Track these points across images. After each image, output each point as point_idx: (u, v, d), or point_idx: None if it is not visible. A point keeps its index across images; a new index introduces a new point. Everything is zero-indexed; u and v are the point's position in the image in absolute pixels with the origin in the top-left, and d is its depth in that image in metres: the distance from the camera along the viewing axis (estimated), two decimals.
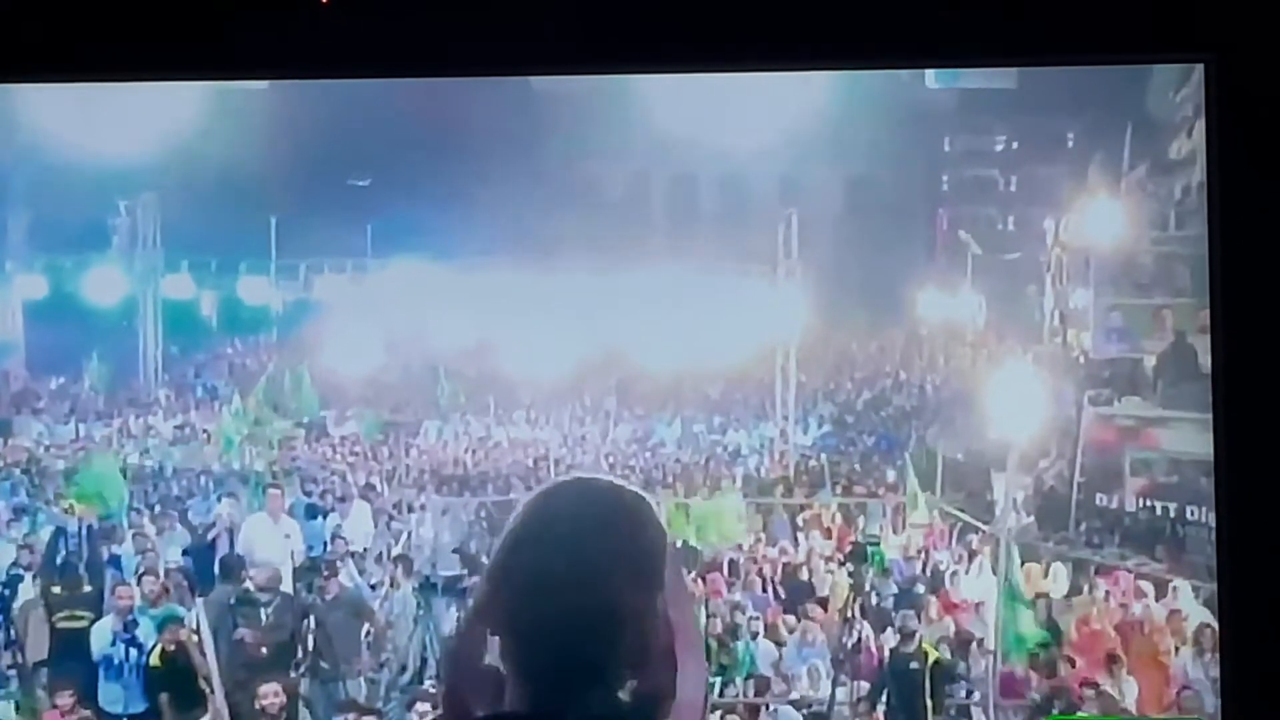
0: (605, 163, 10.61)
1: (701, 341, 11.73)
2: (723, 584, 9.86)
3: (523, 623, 2.18)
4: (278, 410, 11.72)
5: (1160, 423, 9.94)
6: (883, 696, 8.81)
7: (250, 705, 8.49)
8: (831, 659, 9.17)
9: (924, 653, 8.79)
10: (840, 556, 10.00)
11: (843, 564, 9.83)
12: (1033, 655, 8.82)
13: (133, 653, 8.82)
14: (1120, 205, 10.20)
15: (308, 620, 9.17)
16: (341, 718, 8.67)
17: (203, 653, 8.83)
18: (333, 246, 12.07)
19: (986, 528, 10.06)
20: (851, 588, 9.41)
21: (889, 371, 13.09)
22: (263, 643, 8.90)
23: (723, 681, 9.05)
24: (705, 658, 2.40)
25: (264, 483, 10.45)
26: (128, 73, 5.40)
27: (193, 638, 8.89)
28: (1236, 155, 4.67)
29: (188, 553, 9.93)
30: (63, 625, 8.98)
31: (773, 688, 9.18)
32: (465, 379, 12.33)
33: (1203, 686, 8.31)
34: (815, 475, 11.48)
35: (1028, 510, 10.32)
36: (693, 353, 11.92)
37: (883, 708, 8.79)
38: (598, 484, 2.36)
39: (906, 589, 9.68)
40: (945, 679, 8.85)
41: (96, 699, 8.69)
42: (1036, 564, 9.69)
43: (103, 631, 8.87)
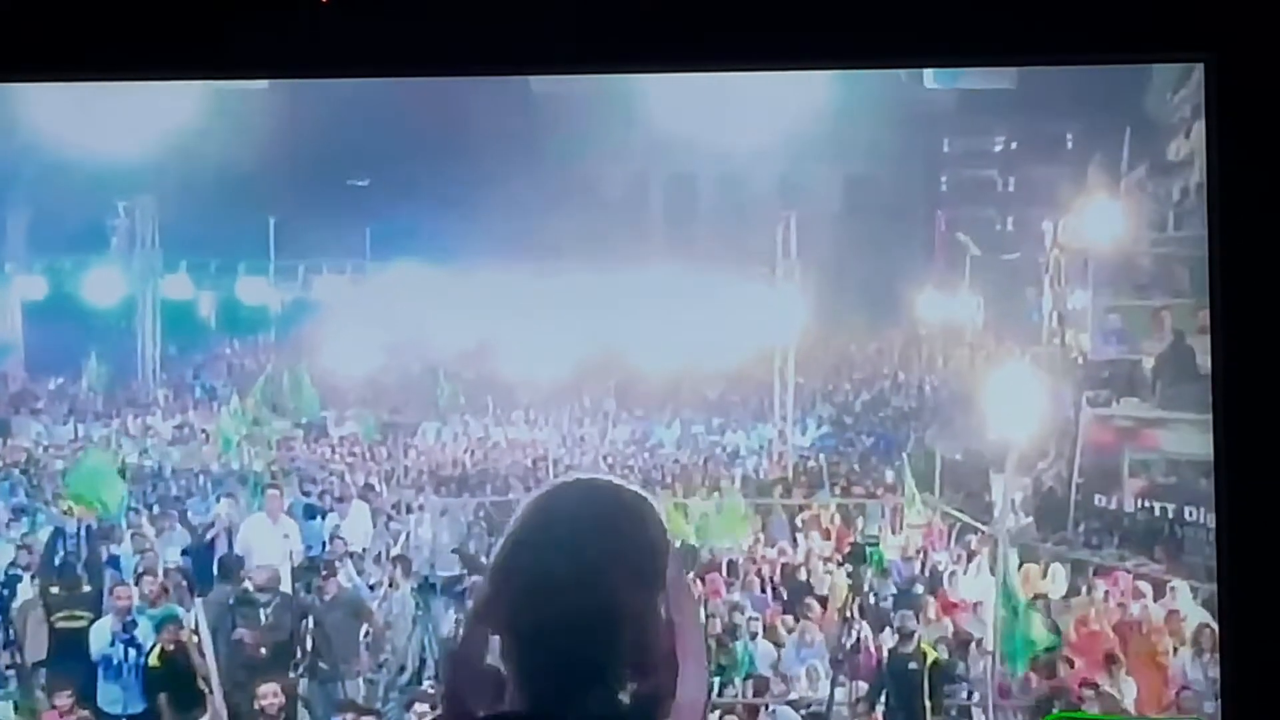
0: (604, 164, 10.59)
1: (700, 342, 11.72)
2: (722, 584, 9.86)
3: (523, 623, 2.17)
4: (276, 410, 11.71)
5: (1159, 424, 9.94)
6: (881, 697, 8.80)
7: (249, 705, 8.49)
8: (830, 659, 9.16)
9: (923, 653, 8.78)
10: (839, 557, 9.99)
11: (841, 564, 9.82)
12: (1033, 658, 8.82)
13: (131, 653, 8.80)
14: (1119, 206, 10.20)
15: (306, 620, 9.16)
16: (340, 718, 8.66)
17: (201, 653, 8.82)
18: (331, 247, 12.07)
19: (985, 528, 10.06)
20: (850, 588, 9.40)
21: (887, 372, 13.09)
22: (261, 643, 8.88)
23: (722, 682, 9.04)
24: (706, 658, 2.39)
25: (263, 483, 10.43)
26: (127, 72, 5.39)
27: (192, 638, 8.88)
28: (1236, 155, 4.67)
29: (186, 553, 9.92)
30: (61, 625, 8.97)
31: (771, 688, 9.16)
32: (464, 380, 12.32)
33: (1201, 687, 8.31)
34: (814, 476, 11.47)
35: (1026, 511, 10.32)
36: (691, 354, 11.92)
37: (881, 708, 8.78)
38: (598, 484, 2.35)
39: (905, 589, 9.67)
40: (944, 679, 8.84)
41: (95, 699, 8.67)
42: (1035, 564, 9.68)
43: (101, 632, 8.86)
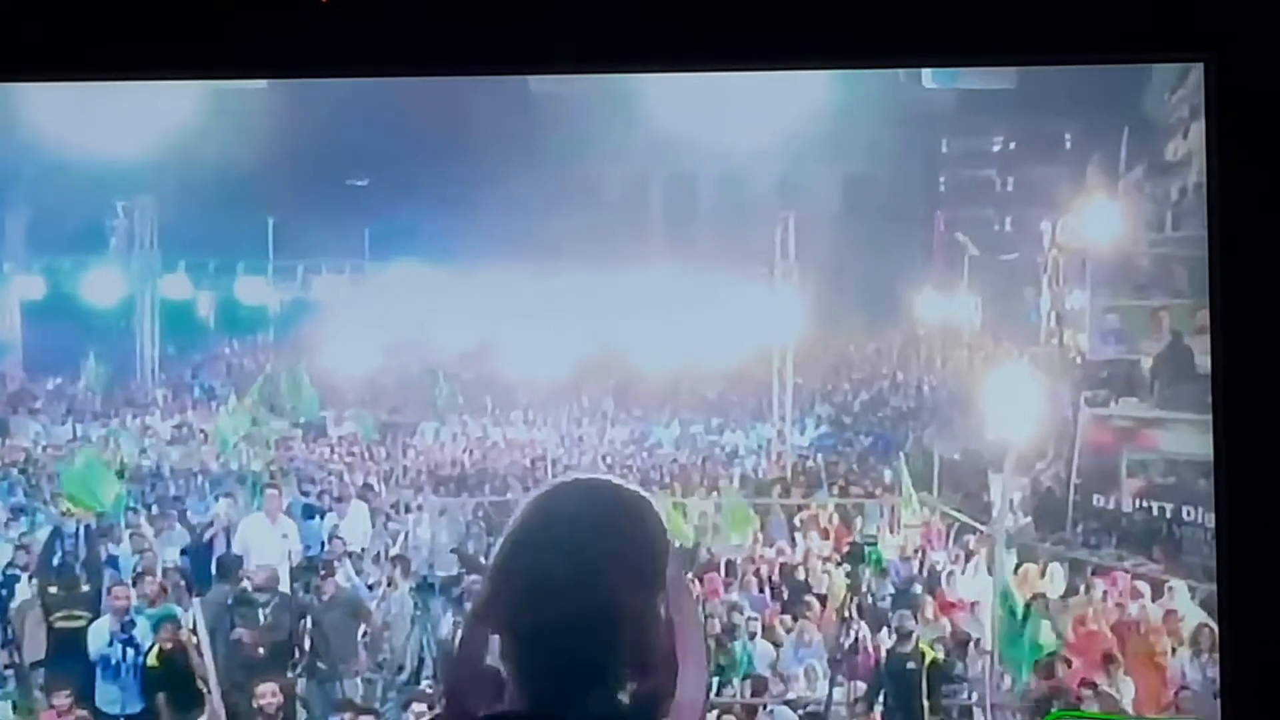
0: (603, 164, 10.59)
1: (699, 343, 11.72)
2: (720, 584, 9.86)
3: (523, 623, 2.17)
4: (274, 410, 11.70)
5: (1157, 424, 9.94)
6: (880, 697, 8.79)
7: (247, 705, 8.48)
8: (828, 659, 9.16)
9: (921, 653, 8.77)
10: (837, 557, 9.99)
11: (840, 564, 9.81)
12: (1035, 661, 8.82)
13: (130, 653, 8.79)
14: (1117, 206, 10.20)
15: (305, 620, 9.15)
16: (338, 717, 8.65)
17: (200, 653, 8.81)
18: (330, 247, 12.07)
19: (984, 528, 10.06)
20: (849, 588, 9.39)
21: (886, 372, 13.09)
22: (260, 643, 8.88)
23: (720, 682, 9.03)
24: (705, 658, 2.39)
25: (261, 483, 10.43)
26: (126, 72, 5.39)
27: (190, 637, 8.87)
28: (1236, 155, 4.68)
29: (185, 553, 9.92)
30: (60, 625, 8.96)
31: (770, 688, 9.16)
32: (463, 380, 12.32)
33: (1199, 687, 8.30)
34: (812, 476, 11.47)
35: (1025, 511, 10.32)
36: (690, 354, 11.91)
37: (879, 708, 8.78)
38: (598, 484, 2.35)
39: (903, 589, 9.66)
40: (942, 679, 8.84)
41: (94, 699, 8.66)
42: (1034, 564, 9.68)
43: (100, 632, 8.84)
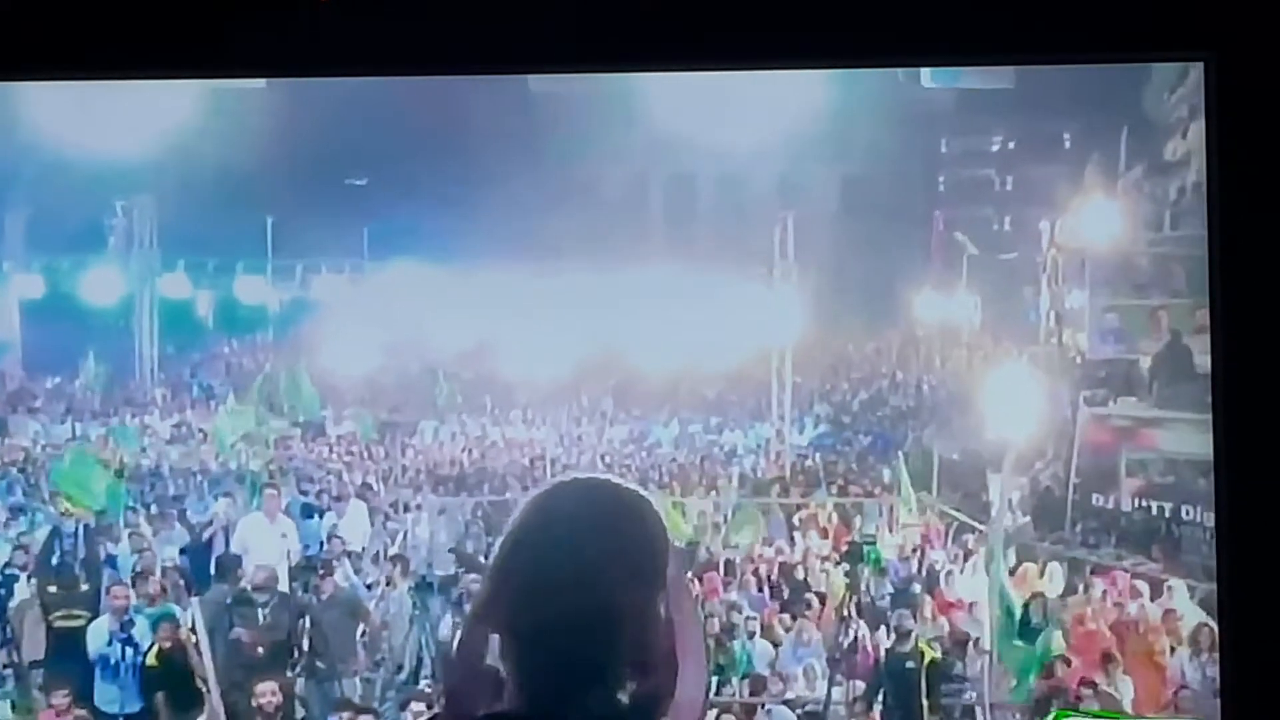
0: (602, 164, 10.58)
1: (698, 342, 11.72)
2: (719, 584, 9.86)
3: (523, 623, 2.17)
4: (274, 410, 11.71)
5: (1156, 423, 9.94)
6: (879, 696, 8.79)
7: (246, 704, 8.47)
8: (827, 658, 9.15)
9: (920, 652, 8.77)
10: (836, 556, 9.98)
11: (839, 564, 9.81)
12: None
13: (129, 652, 8.79)
14: (1116, 206, 10.20)
15: (303, 620, 9.15)
16: (337, 717, 8.64)
17: (199, 652, 8.81)
18: (330, 246, 12.07)
19: (983, 527, 10.06)
20: (848, 587, 9.38)
21: (885, 372, 13.10)
22: (260, 642, 8.87)
23: (719, 681, 9.03)
24: (705, 657, 2.38)
25: (260, 482, 10.43)
26: (125, 71, 5.39)
27: (190, 637, 8.87)
28: (1236, 155, 4.67)
29: (184, 552, 9.92)
30: (59, 624, 8.95)
31: (769, 687, 9.16)
32: (462, 379, 12.32)
33: (1199, 686, 8.31)
34: (811, 475, 11.48)
35: (1024, 510, 10.33)
36: (689, 353, 11.92)
37: (879, 707, 8.78)
38: (598, 483, 2.34)
39: (902, 589, 9.67)
40: (941, 678, 8.84)
41: (93, 699, 8.65)
42: (1033, 564, 9.69)
43: (99, 631, 8.84)
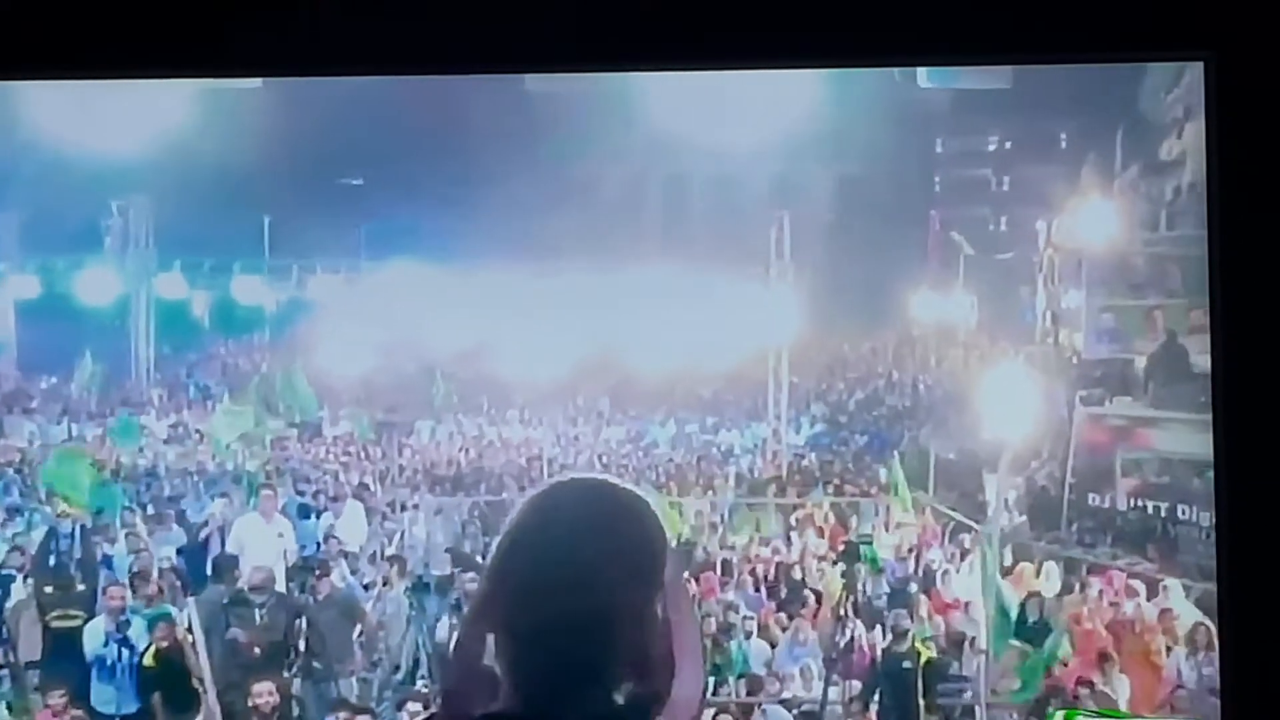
0: (599, 164, 10.58)
1: (695, 342, 11.73)
2: (716, 584, 9.86)
3: (521, 623, 2.17)
4: (270, 410, 11.70)
5: (1151, 423, 9.96)
6: (875, 695, 8.78)
7: (243, 704, 8.46)
8: (824, 658, 9.15)
9: (916, 652, 8.77)
10: (833, 555, 9.99)
11: (835, 563, 9.81)
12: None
13: (125, 653, 8.77)
14: (1112, 206, 10.21)
15: (300, 620, 9.14)
16: (334, 717, 8.63)
17: (195, 652, 8.80)
18: (326, 246, 12.07)
19: (979, 527, 10.07)
20: (844, 587, 9.38)
21: (881, 372, 13.11)
22: (256, 642, 8.86)
23: (716, 681, 9.03)
24: (703, 657, 2.38)
25: (257, 483, 10.42)
26: (123, 70, 5.38)
27: (186, 637, 8.86)
28: (1236, 155, 4.67)
29: (181, 552, 9.91)
30: (55, 625, 8.93)
31: (765, 687, 9.15)
32: (458, 379, 12.32)
33: (1195, 686, 8.32)
34: (808, 474, 11.49)
35: (1020, 510, 10.34)
36: (686, 353, 11.92)
37: (875, 707, 8.77)
38: (596, 484, 2.34)
39: (899, 588, 9.66)
40: (937, 678, 8.84)
41: (89, 699, 8.63)
42: (1029, 563, 9.70)
43: (95, 632, 8.83)
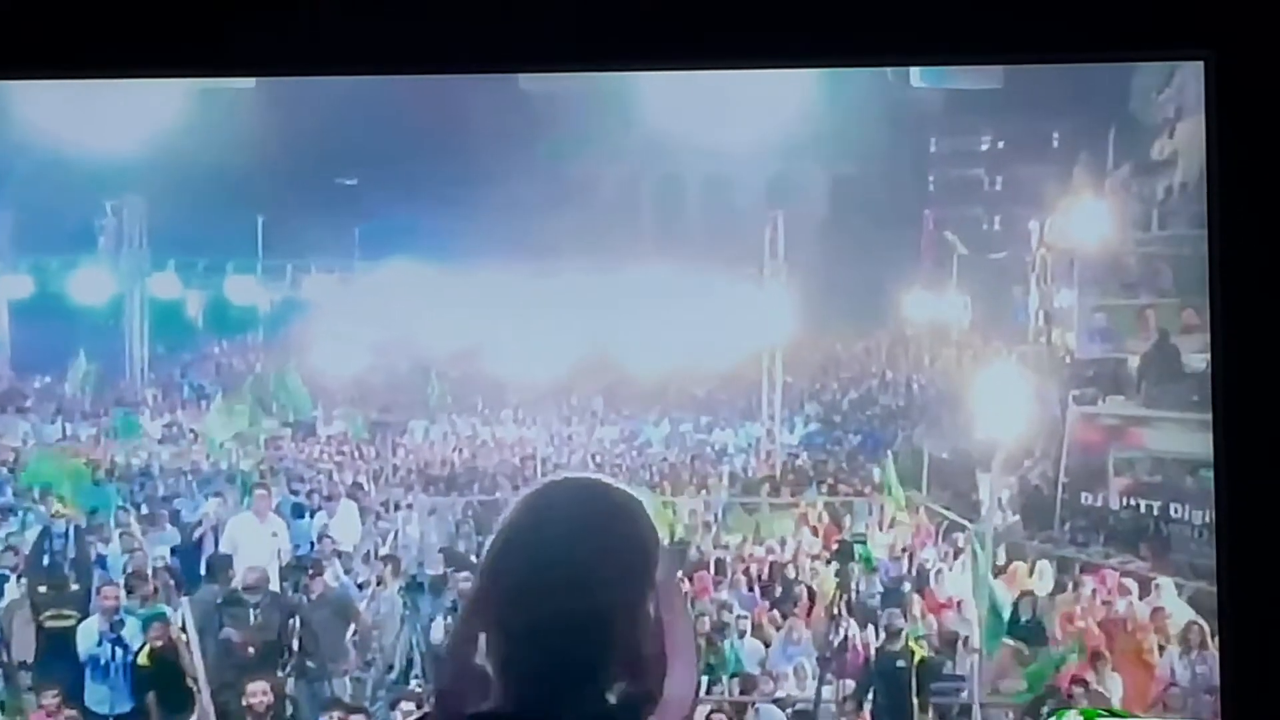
0: (593, 164, 10.58)
1: (689, 342, 11.73)
2: (710, 583, 9.87)
3: (514, 623, 2.18)
4: (264, 410, 11.70)
5: (1144, 422, 9.98)
6: (869, 695, 8.80)
7: (237, 704, 8.46)
8: (818, 657, 9.16)
9: (910, 651, 8.79)
10: (827, 555, 10.00)
11: (829, 562, 9.82)
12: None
13: (119, 652, 8.77)
14: (1104, 205, 10.23)
15: (294, 619, 9.15)
16: (327, 716, 8.64)
17: (189, 652, 8.80)
18: (320, 246, 12.05)
19: (972, 526, 10.08)
20: (838, 586, 9.40)
21: (875, 371, 13.12)
22: (250, 642, 8.87)
23: (709, 680, 9.04)
24: (696, 656, 2.39)
25: (251, 482, 10.42)
26: (121, 70, 5.38)
27: (180, 636, 8.86)
28: (1235, 154, 4.68)
29: (175, 552, 9.91)
30: (49, 625, 8.93)
31: (759, 686, 9.16)
32: (452, 379, 12.31)
33: (1188, 684, 8.34)
34: (801, 474, 11.50)
35: (1013, 509, 10.36)
36: (680, 353, 11.92)
37: (869, 706, 8.79)
38: (589, 483, 2.35)
39: (893, 587, 9.68)
40: (931, 677, 8.85)
41: (83, 699, 8.63)
42: (1022, 562, 9.72)
43: (89, 631, 8.82)
